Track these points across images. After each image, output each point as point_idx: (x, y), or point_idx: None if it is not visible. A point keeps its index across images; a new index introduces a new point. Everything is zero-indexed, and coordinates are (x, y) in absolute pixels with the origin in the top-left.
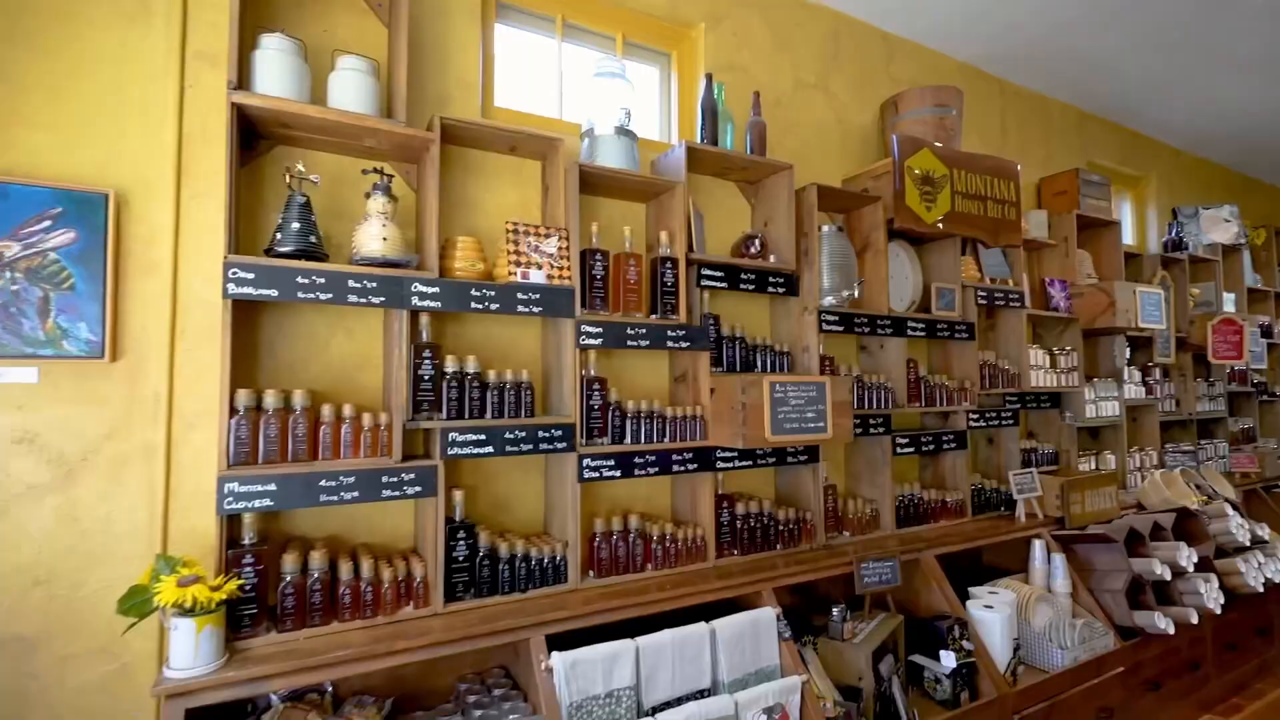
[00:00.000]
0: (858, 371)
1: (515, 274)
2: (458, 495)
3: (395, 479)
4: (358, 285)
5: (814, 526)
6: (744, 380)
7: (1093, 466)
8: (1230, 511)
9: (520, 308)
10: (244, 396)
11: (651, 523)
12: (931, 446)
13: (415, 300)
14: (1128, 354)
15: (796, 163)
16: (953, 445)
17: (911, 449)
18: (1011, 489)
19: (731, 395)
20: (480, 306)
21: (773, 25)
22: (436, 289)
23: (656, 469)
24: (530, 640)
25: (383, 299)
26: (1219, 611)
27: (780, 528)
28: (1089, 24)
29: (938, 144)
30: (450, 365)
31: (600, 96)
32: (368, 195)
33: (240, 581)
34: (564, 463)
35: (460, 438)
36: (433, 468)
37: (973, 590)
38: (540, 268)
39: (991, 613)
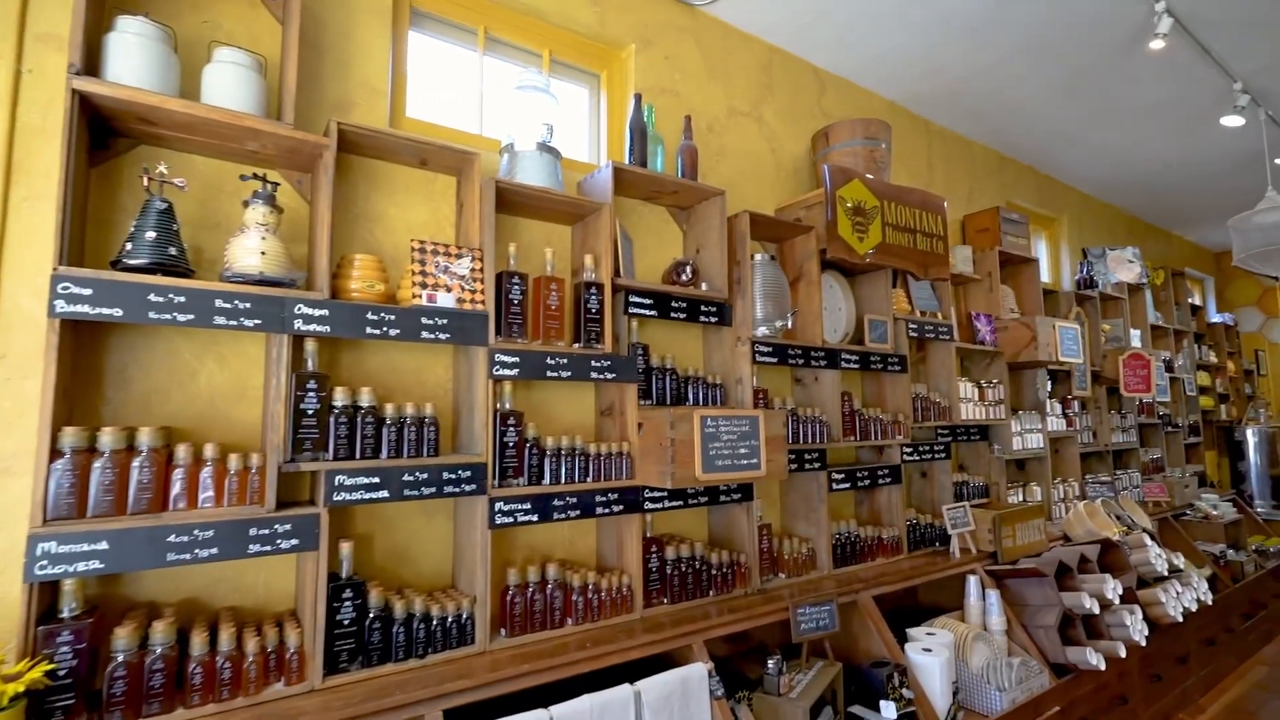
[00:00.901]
0: (792, 404)
1: (420, 296)
2: (345, 548)
3: (267, 531)
4: (227, 306)
5: (748, 569)
6: (673, 414)
7: (1020, 498)
8: (1149, 542)
9: (425, 334)
10: (72, 435)
11: (573, 571)
12: (867, 481)
13: (299, 324)
14: (1049, 387)
15: (730, 190)
16: (888, 480)
17: (847, 484)
18: (945, 524)
19: (660, 430)
20: (378, 332)
21: (705, 51)
22: (325, 311)
23: (578, 512)
24: (425, 717)
25: (257, 322)
26: (1144, 644)
27: (713, 572)
28: (1008, 72)
29: (869, 176)
30: (340, 398)
31: (522, 111)
32: (246, 204)
33: (50, 666)
34: (473, 507)
35: (349, 481)
36: (314, 516)
37: (910, 632)
38: (450, 290)
39: (930, 657)
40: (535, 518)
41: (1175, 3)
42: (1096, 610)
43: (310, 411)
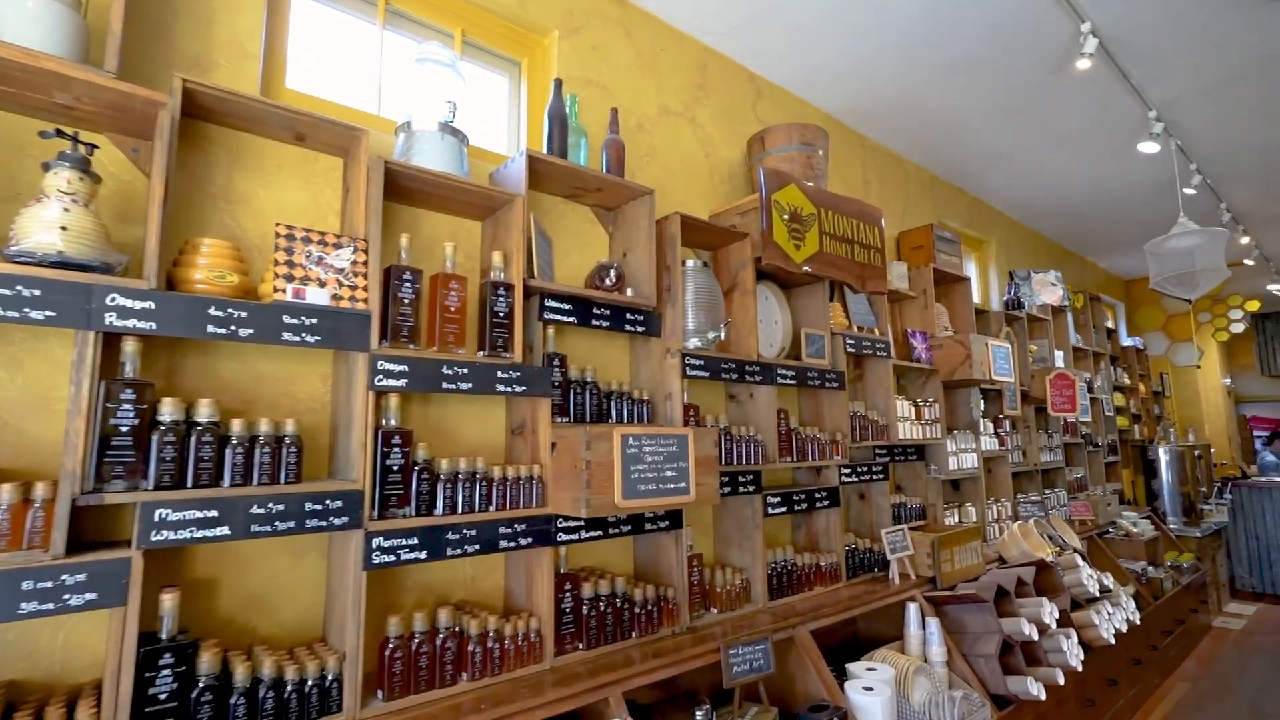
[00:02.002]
0: (725, 422)
1: (284, 291)
2: (167, 600)
3: (49, 584)
4: (8, 293)
5: (677, 606)
6: (590, 433)
7: (956, 519)
8: (1080, 562)
9: (289, 335)
10: None
11: (471, 616)
12: (804, 505)
13: (111, 318)
14: (982, 406)
15: (661, 193)
16: (826, 503)
17: (784, 508)
18: (885, 548)
19: (575, 452)
20: (224, 331)
21: (637, 45)
22: (149, 304)
23: (477, 547)
24: None
25: (50, 314)
26: (1079, 669)
27: (637, 610)
28: (941, 88)
29: (808, 183)
30: (169, 412)
31: (423, 88)
32: (46, 168)
33: None
34: (346, 543)
35: (175, 516)
36: (120, 562)
37: (850, 668)
38: (323, 285)
39: (871, 697)
40: (424, 555)
41: (1100, 24)
42: (1036, 636)
43: (124, 429)
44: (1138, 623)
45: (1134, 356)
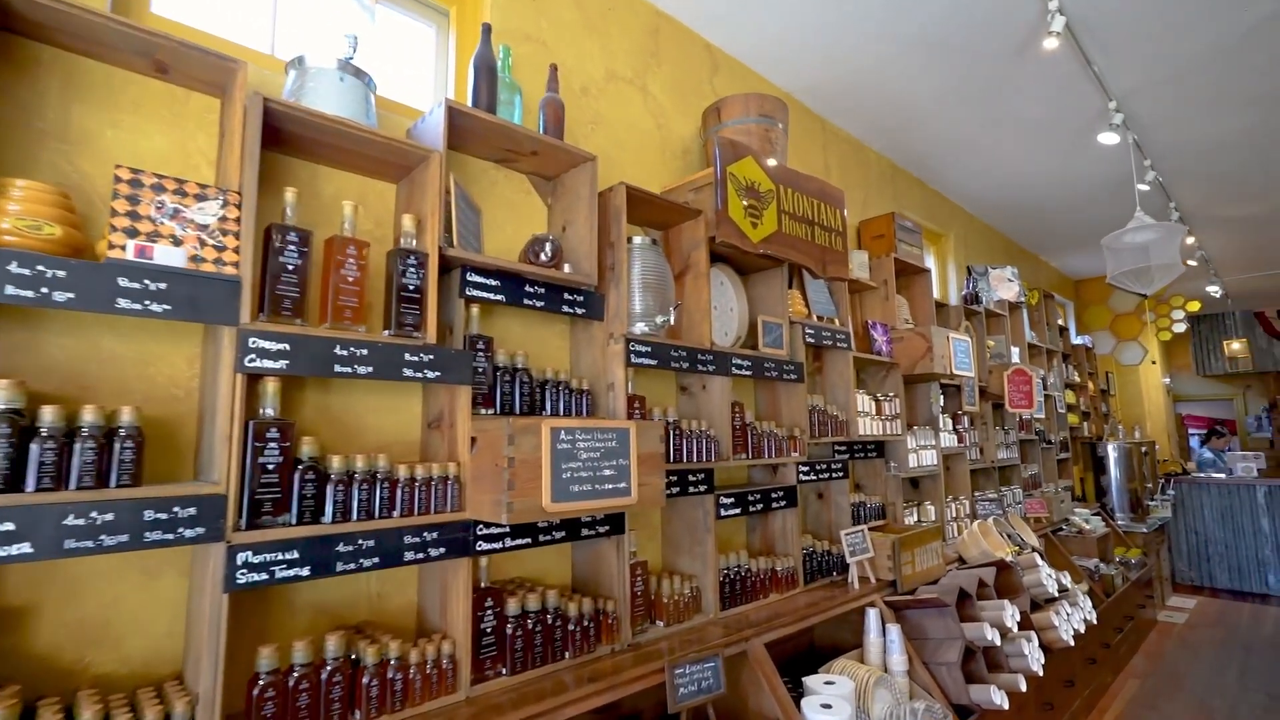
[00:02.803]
0: (674, 416)
1: (124, 248)
2: None
3: None
4: None
5: (618, 620)
6: (513, 426)
7: (915, 518)
8: (1039, 562)
9: (125, 303)
10: None
11: (369, 642)
12: (760, 505)
13: None
14: (941, 401)
15: (607, 165)
16: (783, 503)
17: (738, 510)
18: (844, 551)
19: (496, 447)
20: (31, 295)
21: (581, 1)
22: None
23: (377, 560)
24: None
25: None
26: (1041, 673)
27: (571, 627)
28: (903, 68)
29: (766, 158)
30: None
31: (323, 22)
32: None
33: None
34: (205, 560)
35: None
36: None
37: (808, 682)
38: (179, 243)
39: (829, 715)
40: (306, 571)
41: (1068, 2)
42: (998, 642)
43: None
44: (1094, 622)
45: (1084, 355)
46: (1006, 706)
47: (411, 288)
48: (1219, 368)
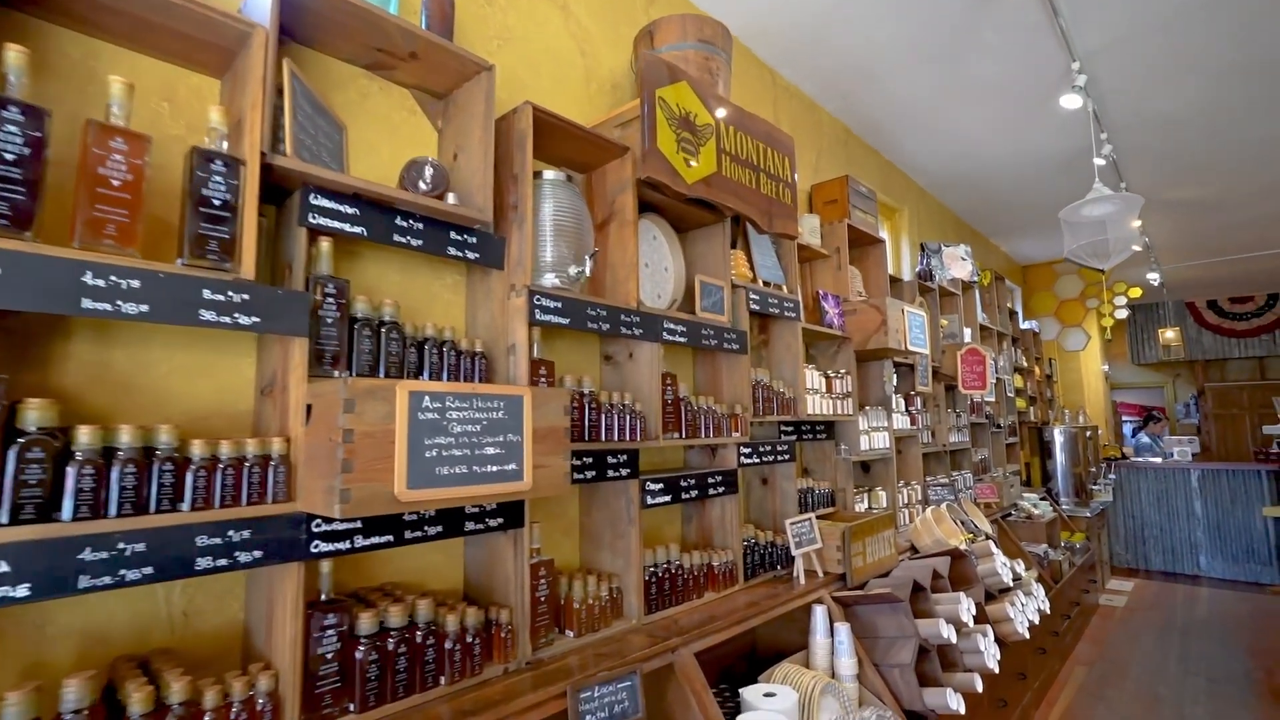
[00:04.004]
0: (590, 386)
1: None
2: None
3: None
4: None
5: (513, 633)
6: (352, 388)
7: (866, 505)
8: (994, 550)
9: None
10: None
11: (139, 683)
12: (695, 492)
13: None
14: (894, 380)
15: (517, 91)
16: (722, 489)
17: (668, 497)
18: (789, 542)
19: (331, 417)
20: None
21: None
22: None
23: (150, 570)
24: None
25: None
26: (997, 670)
27: (451, 645)
28: (860, 13)
29: (710, 98)
30: None
31: None
32: None
33: None
34: None
35: None
36: None
37: (745, 695)
38: None
39: None
40: (24, 590)
41: None
42: (954, 639)
43: None
44: (1048, 611)
45: (1031, 339)
46: (963, 711)
47: (217, 202)
48: (1152, 356)
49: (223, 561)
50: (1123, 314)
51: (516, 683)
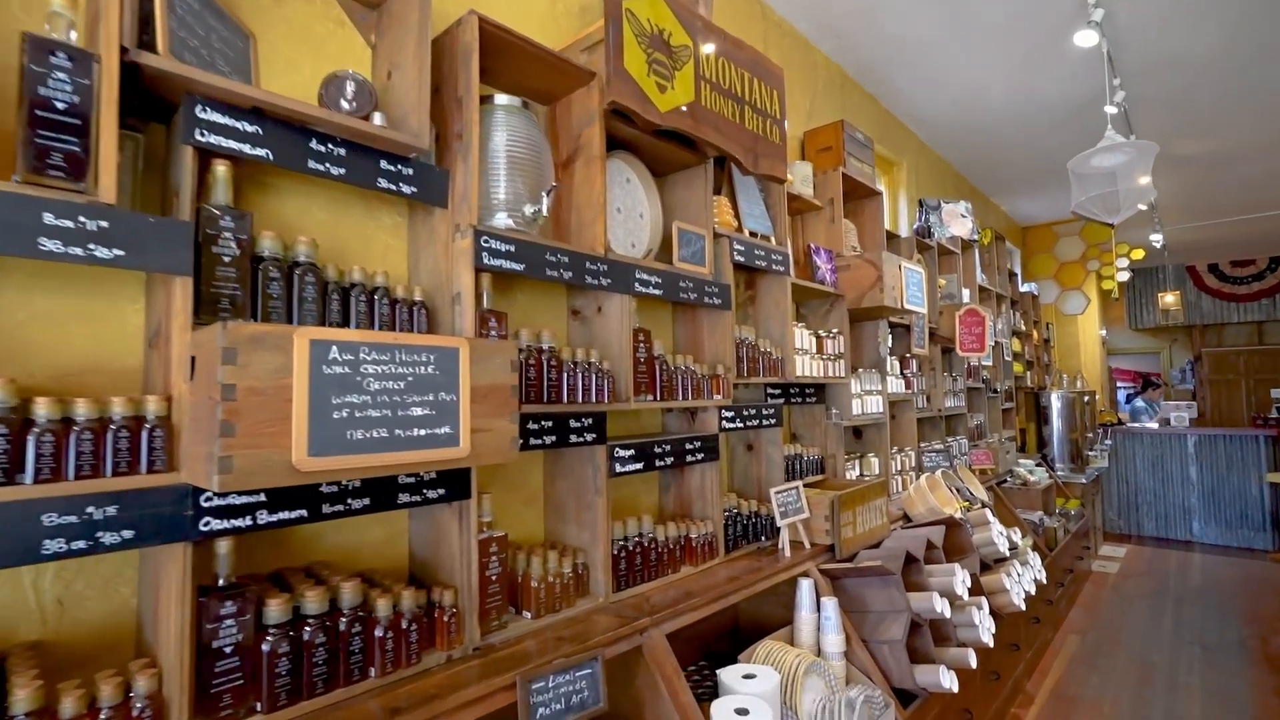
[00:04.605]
0: (549, 341)
1: None
2: None
3: None
4: None
5: (459, 615)
6: (232, 335)
7: (857, 472)
8: (991, 518)
9: None
10: None
11: None
12: (671, 459)
13: None
14: (889, 341)
15: (467, 3)
16: (701, 456)
17: (639, 464)
18: (773, 511)
19: (212, 371)
20: None
21: None
22: None
23: None
24: None
25: None
26: (992, 644)
27: (382, 632)
28: None
29: (685, 6)
30: None
31: None
32: None
33: None
34: None
35: None
36: None
37: (723, 678)
38: None
39: None
40: None
41: None
42: (948, 613)
43: None
44: (1044, 581)
45: (1030, 302)
46: (956, 689)
47: (60, 105)
48: (1150, 321)
49: (80, 544)
50: (1124, 276)
51: (460, 672)
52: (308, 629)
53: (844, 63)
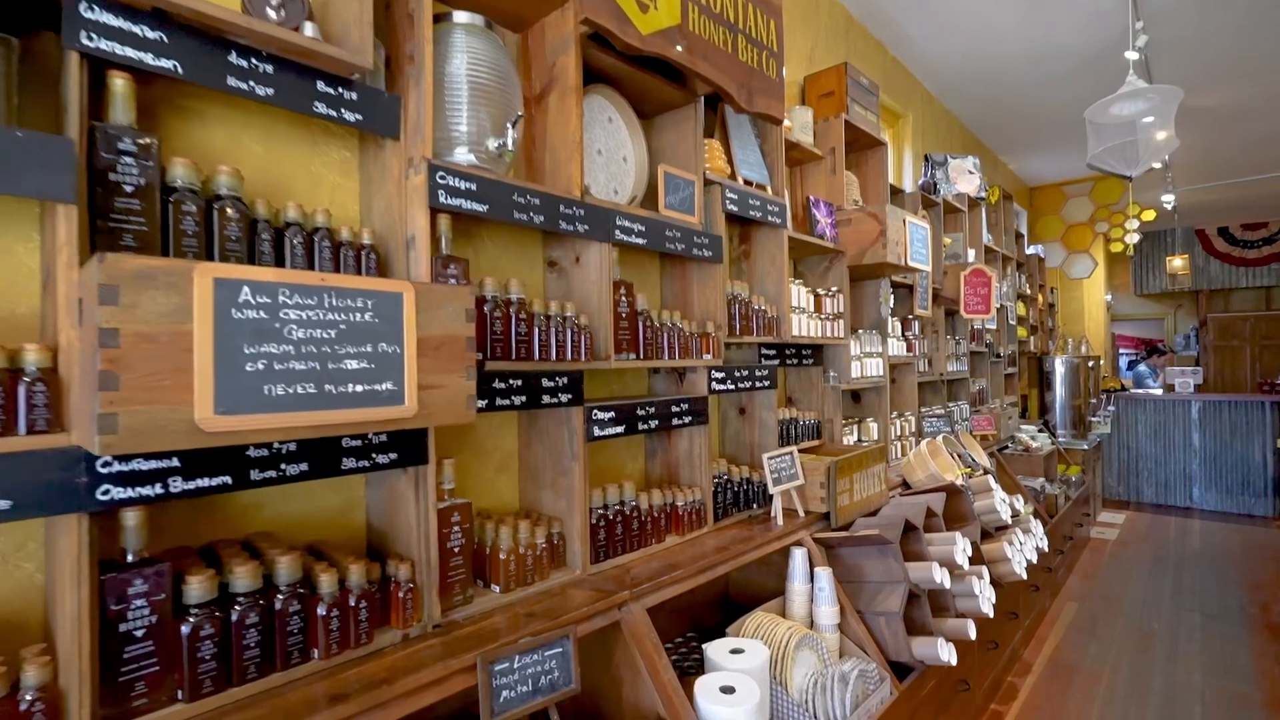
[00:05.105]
0: (518, 293)
1: None
2: None
3: None
4: None
5: (416, 591)
6: (112, 271)
7: (855, 437)
8: (993, 485)
9: None
10: None
11: None
12: (655, 422)
13: None
14: (891, 301)
15: None
16: (689, 419)
17: (620, 428)
18: (766, 478)
19: (92, 314)
20: None
21: None
22: None
23: None
24: None
25: None
26: (992, 615)
27: (325, 610)
28: None
29: None
30: None
31: None
32: None
33: None
34: None
35: None
36: None
37: (709, 654)
38: None
39: (731, 707)
40: None
41: None
42: (948, 584)
43: None
44: (1046, 549)
45: (1035, 265)
46: (955, 663)
47: None
48: (1157, 286)
49: None
50: (1134, 238)
51: (416, 653)
52: (238, 608)
53: (849, 3)
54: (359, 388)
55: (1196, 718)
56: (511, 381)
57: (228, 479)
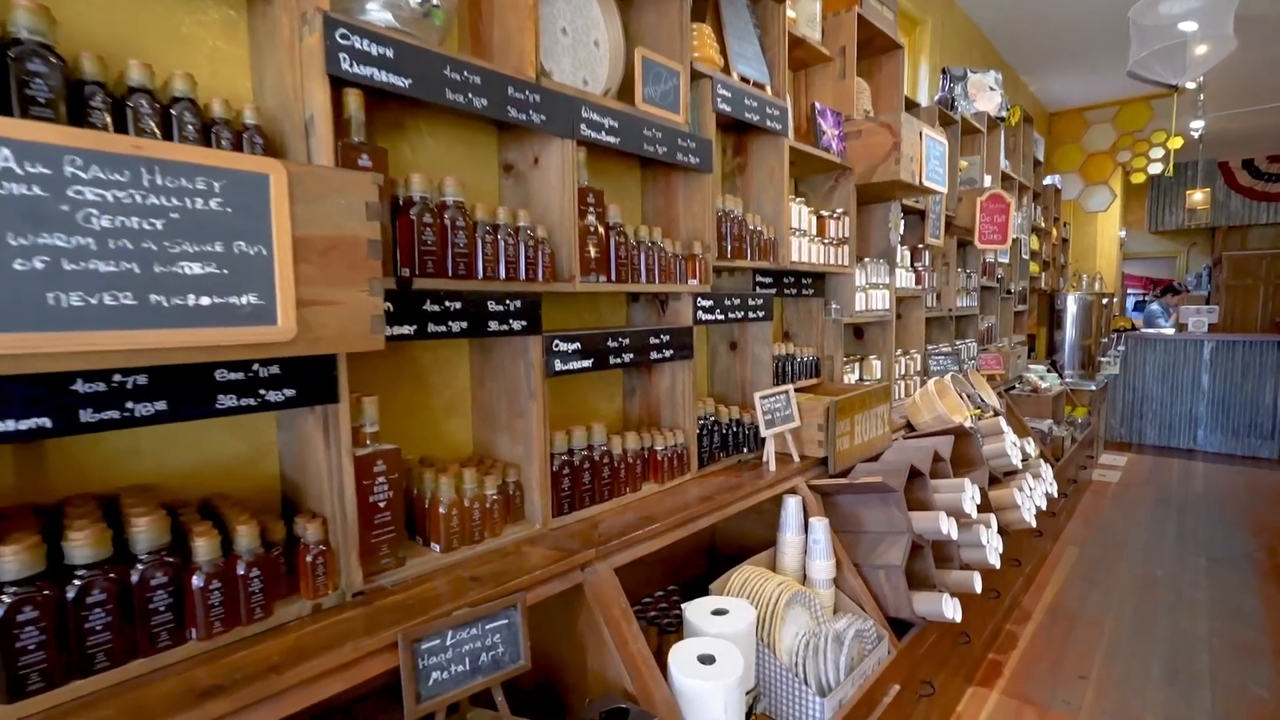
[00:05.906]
0: (454, 194)
1: None
2: None
3: None
4: None
5: (329, 553)
6: None
7: (857, 376)
8: (1004, 427)
9: None
10: None
11: None
12: (629, 355)
13: None
14: (901, 227)
15: None
16: (670, 354)
17: (586, 361)
18: (758, 419)
19: None
20: None
21: None
22: None
23: None
24: None
25: None
26: (999, 566)
27: (202, 581)
28: None
29: None
30: None
31: None
32: None
33: None
34: None
35: None
36: None
37: (688, 616)
38: None
39: (707, 679)
40: None
41: None
42: (955, 535)
43: None
44: (1056, 495)
45: (1051, 196)
46: (959, 619)
47: None
48: (1173, 222)
49: None
50: (1157, 168)
51: (325, 628)
52: (76, 584)
53: None
54: (205, 300)
55: (1203, 667)
56: (449, 304)
57: (44, 421)
